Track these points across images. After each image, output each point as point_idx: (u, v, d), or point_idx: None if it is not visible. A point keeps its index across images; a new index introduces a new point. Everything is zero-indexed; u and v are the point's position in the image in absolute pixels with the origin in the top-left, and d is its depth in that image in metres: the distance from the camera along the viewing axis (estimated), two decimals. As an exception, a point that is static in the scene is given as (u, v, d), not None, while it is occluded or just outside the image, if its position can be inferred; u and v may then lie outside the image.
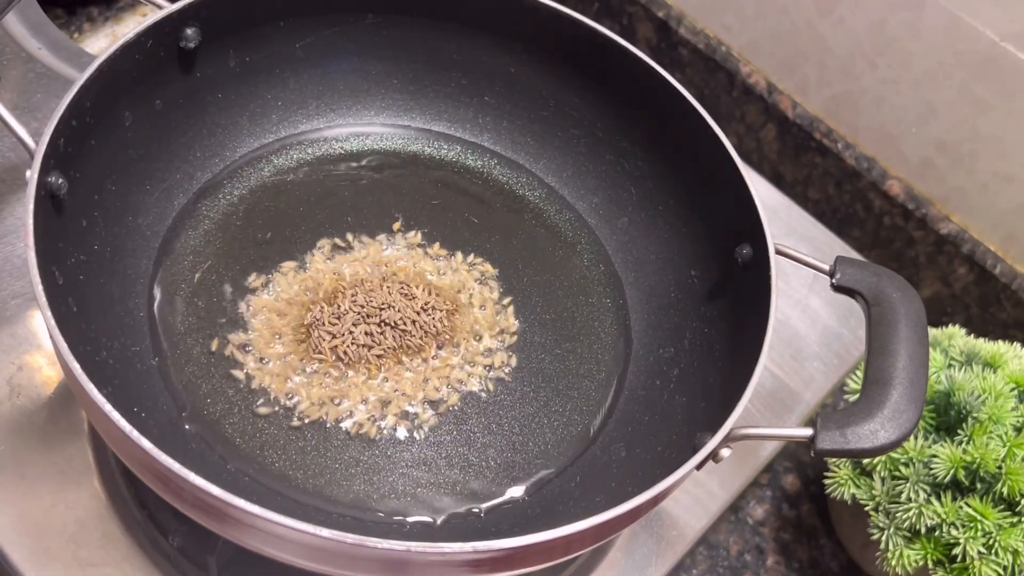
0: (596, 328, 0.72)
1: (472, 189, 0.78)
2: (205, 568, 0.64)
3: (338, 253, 0.72)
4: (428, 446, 0.65)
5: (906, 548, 0.66)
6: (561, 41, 0.74)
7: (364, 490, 0.62)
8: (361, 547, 0.48)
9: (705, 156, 0.69)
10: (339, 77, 0.78)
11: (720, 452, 0.55)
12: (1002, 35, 0.79)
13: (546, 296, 0.73)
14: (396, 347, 0.67)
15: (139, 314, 0.66)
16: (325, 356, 0.66)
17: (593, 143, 0.77)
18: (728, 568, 0.75)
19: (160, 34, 0.65)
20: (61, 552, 0.63)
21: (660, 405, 0.67)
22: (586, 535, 0.52)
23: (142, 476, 0.53)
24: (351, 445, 0.64)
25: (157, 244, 0.69)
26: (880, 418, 0.55)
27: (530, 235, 0.76)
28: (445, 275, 0.72)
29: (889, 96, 0.88)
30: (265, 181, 0.75)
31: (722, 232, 0.68)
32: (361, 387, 0.66)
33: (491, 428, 0.66)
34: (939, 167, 0.87)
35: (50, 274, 0.55)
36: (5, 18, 0.75)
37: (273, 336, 0.67)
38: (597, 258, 0.76)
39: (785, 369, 0.81)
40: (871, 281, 0.62)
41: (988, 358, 0.71)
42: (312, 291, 0.69)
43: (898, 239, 0.91)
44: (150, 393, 0.63)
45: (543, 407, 0.68)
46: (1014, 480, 0.64)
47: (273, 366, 0.66)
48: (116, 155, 0.65)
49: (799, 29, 0.91)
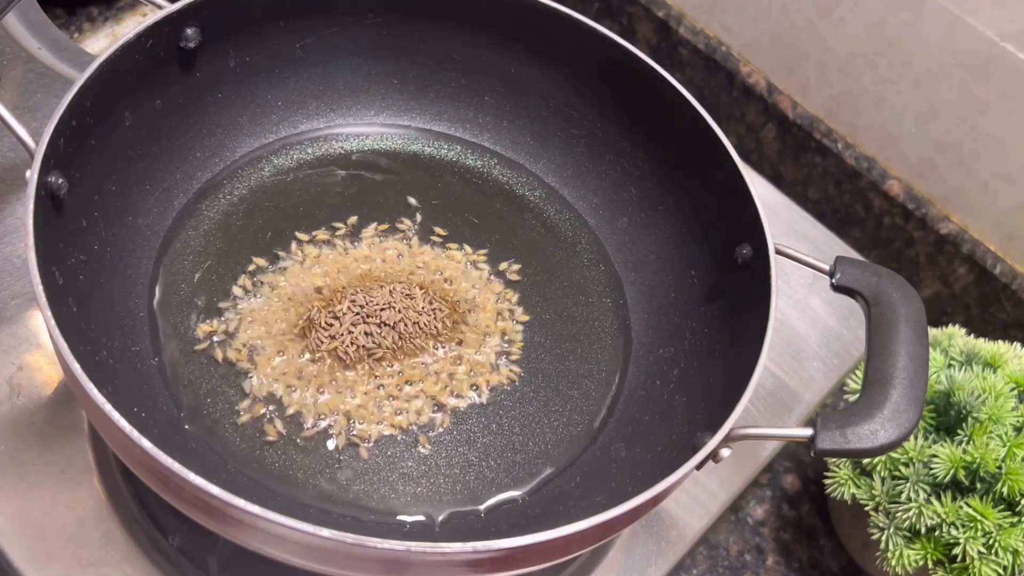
0: (596, 328, 0.72)
1: (472, 189, 0.78)
2: (205, 568, 0.64)
3: (338, 253, 0.72)
4: (428, 446, 0.65)
5: (906, 548, 0.66)
6: (561, 41, 0.74)
7: (364, 490, 0.62)
8: (361, 547, 0.48)
9: (705, 156, 0.69)
10: (339, 77, 0.78)
11: (720, 452, 0.55)
12: (1002, 35, 0.79)
13: (546, 296, 0.73)
14: (396, 348, 0.67)
15: (139, 314, 0.66)
16: (324, 357, 0.66)
17: (593, 143, 0.77)
18: (728, 568, 0.75)
19: (160, 34, 0.65)
20: (61, 552, 0.63)
21: (660, 405, 0.67)
22: (586, 535, 0.52)
23: (142, 476, 0.53)
24: (350, 445, 0.64)
25: (157, 244, 0.69)
26: (880, 418, 0.55)
27: (530, 235, 0.76)
28: (445, 275, 0.72)
29: (889, 96, 0.88)
30: (265, 181, 0.75)
31: (722, 232, 0.68)
32: (360, 387, 0.66)
33: (491, 428, 0.66)
34: (939, 167, 0.87)
35: (50, 274, 0.55)
36: (5, 18, 0.75)
37: (273, 336, 0.67)
38: (597, 258, 0.76)
39: (785, 369, 0.81)
40: (871, 281, 0.62)
41: (988, 358, 0.71)
42: (312, 291, 0.69)
43: (898, 239, 0.91)
44: (150, 393, 0.63)
45: (543, 407, 0.68)
46: (1014, 480, 0.64)
47: (273, 366, 0.66)
48: (116, 155, 0.65)
49: (799, 29, 0.91)
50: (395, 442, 0.64)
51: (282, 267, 0.71)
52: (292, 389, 0.65)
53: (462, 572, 0.51)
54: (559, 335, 0.71)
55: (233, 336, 0.67)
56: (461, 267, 0.73)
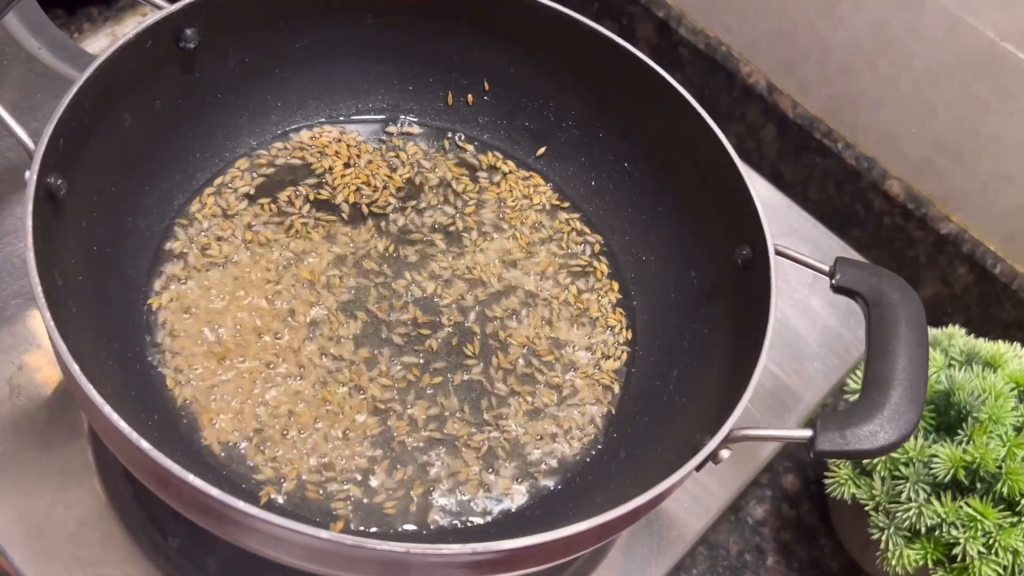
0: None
1: (471, 188, 0.78)
2: (204, 568, 0.64)
3: (337, 252, 0.72)
4: (428, 446, 0.65)
5: (906, 548, 0.66)
6: (561, 41, 0.74)
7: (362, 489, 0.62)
8: (360, 549, 0.48)
9: (705, 156, 0.68)
10: (339, 77, 0.77)
11: (720, 453, 0.55)
12: (1002, 35, 0.79)
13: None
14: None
15: (139, 314, 0.66)
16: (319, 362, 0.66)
17: (593, 143, 0.77)
18: (728, 568, 0.75)
19: (160, 34, 0.65)
20: (61, 552, 0.63)
21: (660, 405, 0.67)
22: (586, 536, 0.52)
23: (141, 477, 0.53)
24: (348, 444, 0.64)
25: (157, 244, 0.69)
26: (880, 419, 0.55)
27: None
28: (446, 274, 0.73)
29: (889, 96, 0.88)
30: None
31: (722, 233, 0.68)
32: (360, 387, 0.66)
33: (492, 428, 0.66)
34: (939, 167, 0.87)
35: (50, 275, 0.55)
36: (5, 18, 0.75)
37: (274, 337, 0.67)
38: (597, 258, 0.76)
39: (785, 369, 0.81)
40: (871, 282, 0.61)
41: (988, 358, 0.71)
42: (311, 291, 0.69)
43: (898, 239, 0.91)
44: (150, 393, 0.63)
45: (542, 406, 0.68)
46: (1014, 480, 0.64)
47: (274, 367, 0.66)
48: (116, 155, 0.65)
49: (799, 29, 0.90)
50: (395, 442, 0.64)
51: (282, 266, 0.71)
52: (292, 388, 0.65)
53: (462, 574, 0.51)
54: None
55: (234, 336, 0.67)
56: (462, 267, 0.73)
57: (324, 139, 0.76)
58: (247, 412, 0.63)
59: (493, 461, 0.65)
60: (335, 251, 0.71)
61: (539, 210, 0.77)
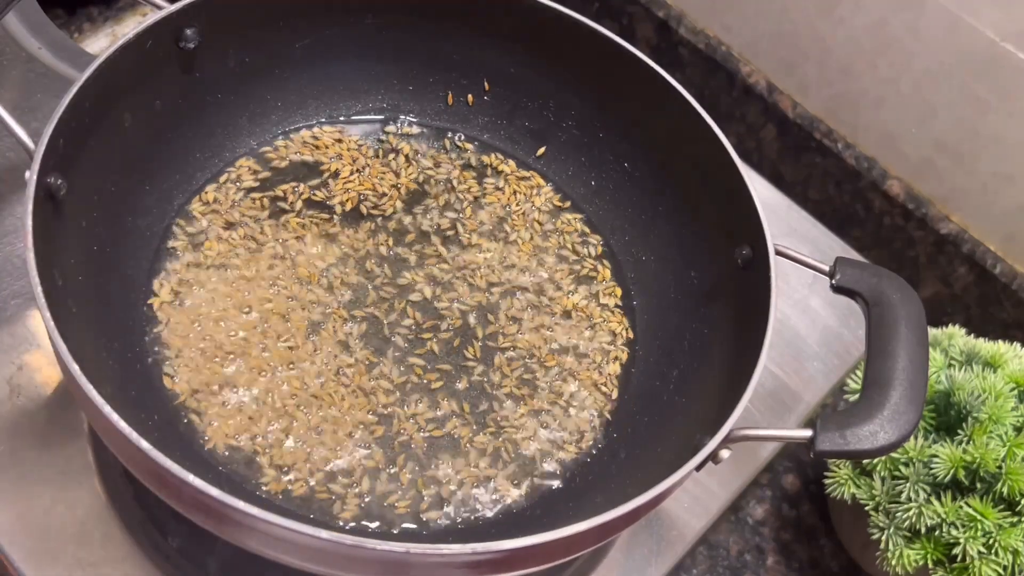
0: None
1: (472, 188, 0.78)
2: (204, 568, 0.64)
3: (336, 253, 0.72)
4: (428, 446, 0.65)
5: (906, 548, 0.66)
6: (561, 41, 0.74)
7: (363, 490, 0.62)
8: (360, 548, 0.48)
9: (705, 156, 0.68)
10: (339, 77, 0.77)
11: (720, 453, 0.55)
12: (1002, 35, 0.79)
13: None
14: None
15: (139, 314, 0.66)
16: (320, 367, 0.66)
17: (593, 143, 0.77)
18: (728, 568, 0.75)
19: (160, 34, 0.65)
20: (61, 552, 0.63)
21: (660, 405, 0.67)
22: (586, 536, 0.52)
23: (141, 477, 0.53)
24: (349, 445, 0.64)
25: (157, 244, 0.69)
26: (880, 420, 0.55)
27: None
28: (447, 276, 0.73)
29: (889, 96, 0.88)
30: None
31: (722, 233, 0.68)
32: (361, 388, 0.66)
33: (492, 428, 0.66)
34: (939, 167, 0.87)
35: (50, 275, 0.55)
36: (5, 18, 0.75)
37: (275, 337, 0.67)
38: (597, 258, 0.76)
39: (785, 369, 0.81)
40: (871, 282, 0.61)
41: (988, 358, 0.71)
42: (312, 292, 0.69)
43: (898, 239, 0.91)
44: (150, 393, 0.63)
45: (543, 407, 0.68)
46: (1014, 480, 0.64)
47: (274, 367, 0.66)
48: (116, 155, 0.65)
49: (799, 29, 0.90)
50: (395, 442, 0.64)
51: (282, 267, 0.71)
52: (292, 388, 0.65)
53: (462, 574, 0.51)
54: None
55: (234, 336, 0.67)
56: (460, 268, 0.73)
57: (325, 139, 0.76)
58: (247, 412, 0.63)
59: (493, 461, 0.65)
60: (336, 252, 0.71)
61: (540, 211, 0.77)
